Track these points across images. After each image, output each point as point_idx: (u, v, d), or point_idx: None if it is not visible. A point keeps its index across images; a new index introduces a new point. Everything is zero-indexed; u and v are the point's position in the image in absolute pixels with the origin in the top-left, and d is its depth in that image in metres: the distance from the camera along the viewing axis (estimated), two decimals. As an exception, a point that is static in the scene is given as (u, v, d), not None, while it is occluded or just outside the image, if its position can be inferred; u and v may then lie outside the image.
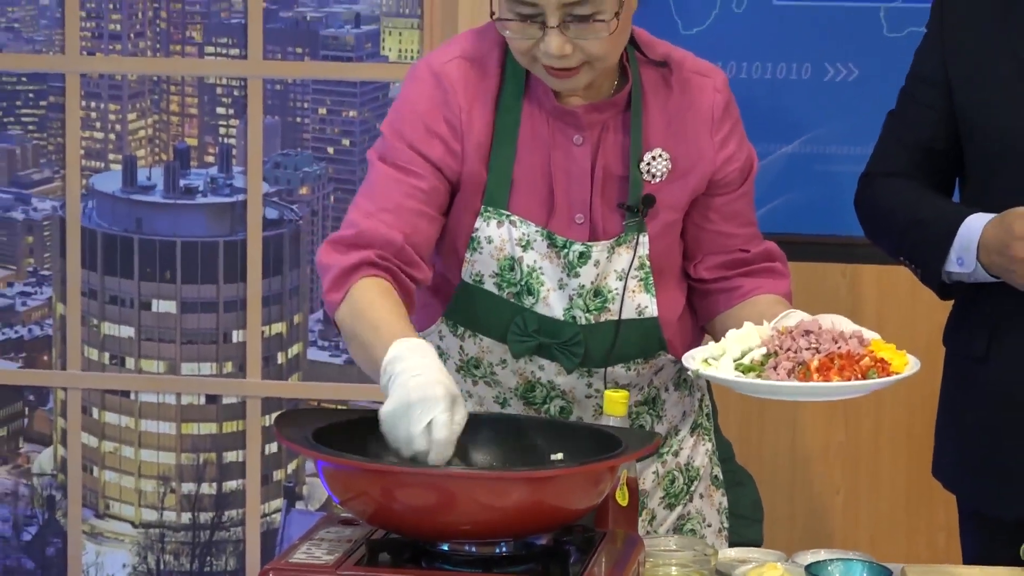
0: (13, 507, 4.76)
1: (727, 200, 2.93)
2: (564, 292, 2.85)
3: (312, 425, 2.51)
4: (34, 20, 4.64)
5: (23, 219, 4.70)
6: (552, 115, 2.83)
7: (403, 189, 2.80)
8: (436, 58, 2.88)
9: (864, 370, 2.53)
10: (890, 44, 4.07)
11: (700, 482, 3.06)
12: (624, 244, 2.85)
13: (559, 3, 2.66)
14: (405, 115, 2.85)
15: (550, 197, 2.85)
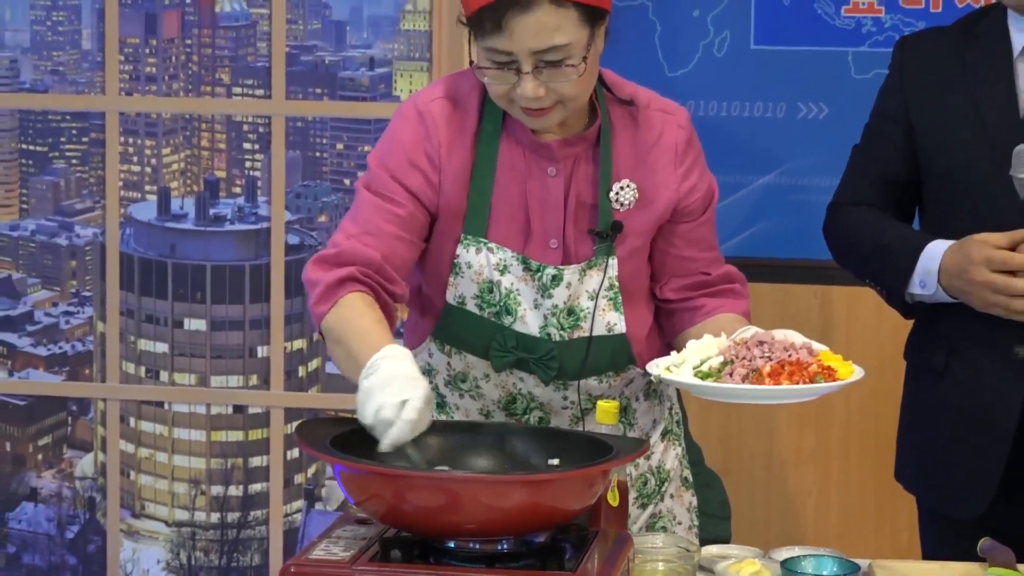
0: (57, 508, 4.75)
1: (690, 227, 2.93)
2: (539, 311, 2.85)
3: (330, 433, 2.51)
4: (77, 63, 4.64)
5: (67, 245, 4.70)
6: (528, 148, 2.83)
7: (383, 215, 2.81)
8: (421, 98, 2.89)
9: (812, 376, 2.56)
10: (857, 85, 4.07)
11: (671, 483, 3.06)
12: (595, 267, 2.85)
13: (531, 51, 2.67)
14: (390, 149, 2.87)
15: (527, 224, 2.85)
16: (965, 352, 3.06)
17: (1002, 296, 2.91)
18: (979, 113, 3.01)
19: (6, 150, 4.71)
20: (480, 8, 2.68)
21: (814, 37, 4.10)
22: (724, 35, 4.14)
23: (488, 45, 2.70)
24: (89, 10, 4.60)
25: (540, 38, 2.67)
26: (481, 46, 2.72)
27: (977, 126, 3.01)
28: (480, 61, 2.73)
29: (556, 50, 2.68)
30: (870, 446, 4.19)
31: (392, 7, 4.48)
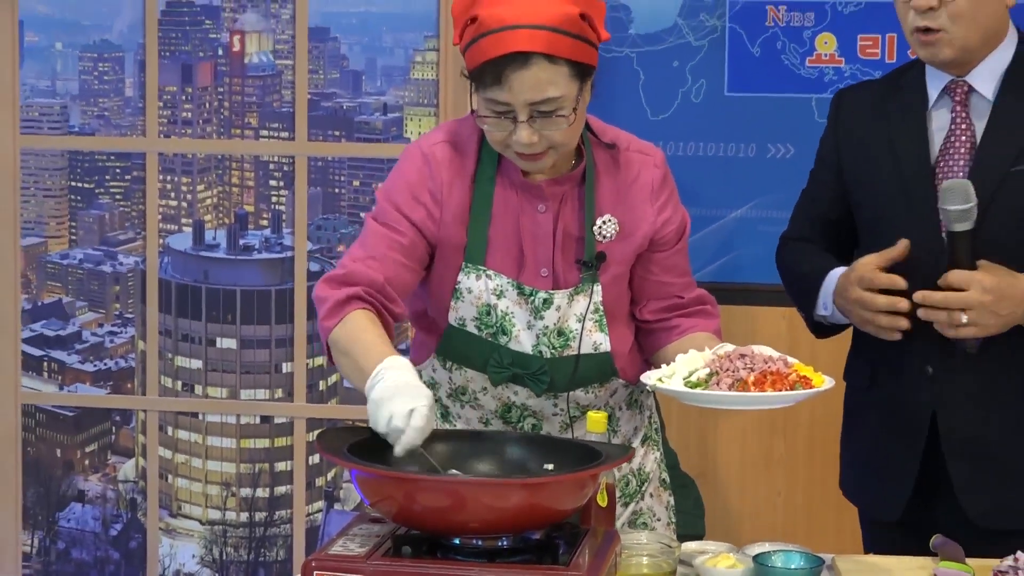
0: (102, 508, 4.75)
1: (665, 255, 2.94)
2: (532, 332, 2.86)
3: (347, 440, 2.51)
4: (120, 109, 4.64)
5: (111, 272, 4.70)
6: (520, 188, 2.85)
7: (388, 243, 2.82)
8: (426, 141, 2.90)
9: (791, 384, 2.57)
10: (820, 128, 4.04)
11: (650, 484, 3.06)
12: (581, 292, 2.86)
13: (527, 102, 2.68)
14: (396, 185, 2.87)
15: (520, 255, 2.86)
16: (885, 371, 3.05)
17: (869, 312, 2.92)
18: (896, 160, 3.02)
19: (57, 187, 4.71)
20: (483, 63, 2.69)
21: (781, 85, 4.11)
22: (700, 83, 4.15)
23: (488, 96, 2.71)
24: (131, 61, 4.61)
25: (536, 91, 2.68)
26: (482, 97, 2.73)
27: (894, 172, 3.02)
28: (480, 110, 2.74)
29: (549, 102, 2.69)
30: (832, 452, 4.17)
31: (403, 58, 4.49)
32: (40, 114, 4.68)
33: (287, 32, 4.53)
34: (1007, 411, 2.95)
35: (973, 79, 2.97)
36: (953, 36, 2.90)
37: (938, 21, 2.90)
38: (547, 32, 2.68)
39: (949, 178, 2.94)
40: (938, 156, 2.98)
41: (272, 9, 4.55)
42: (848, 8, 4.07)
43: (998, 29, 2.95)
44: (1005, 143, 2.92)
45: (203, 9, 4.58)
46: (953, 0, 2.88)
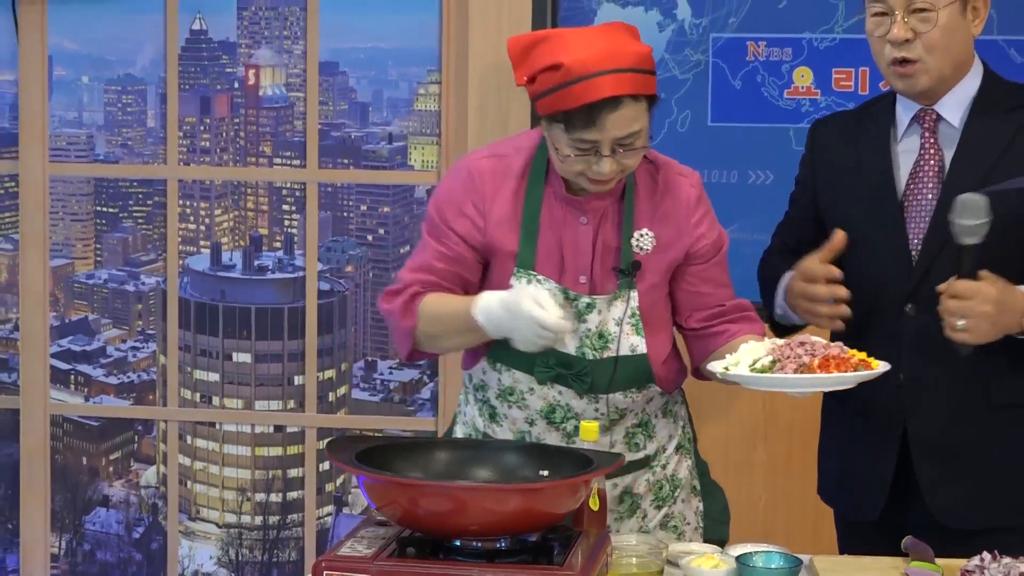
0: (126, 512, 4.74)
1: (702, 268, 2.99)
2: (576, 334, 2.90)
3: (355, 449, 2.51)
4: (143, 139, 4.64)
5: (134, 291, 4.69)
6: (564, 202, 2.92)
7: (437, 255, 2.95)
8: (470, 158, 3.01)
9: (854, 366, 2.61)
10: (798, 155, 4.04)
11: (682, 490, 3.08)
12: (619, 298, 2.91)
13: (614, 139, 2.73)
14: (443, 199, 2.98)
15: (561, 263, 2.91)
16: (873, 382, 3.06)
17: (811, 303, 2.93)
18: (866, 183, 3.03)
19: (83, 211, 4.71)
20: (576, 108, 2.72)
21: (761, 115, 4.11)
22: (686, 114, 4.15)
23: (577, 136, 2.76)
24: (153, 94, 4.61)
25: (624, 128, 2.76)
26: (568, 137, 2.77)
27: (864, 195, 3.03)
28: (563, 149, 2.80)
29: (632, 135, 2.77)
30: (810, 459, 4.17)
31: (407, 91, 4.49)
32: (68, 143, 4.68)
33: (299, 66, 4.54)
34: (973, 419, 2.96)
35: (941, 108, 2.98)
36: (929, 66, 2.91)
37: (914, 52, 2.91)
38: (631, 74, 2.76)
39: (919, 202, 2.94)
40: (908, 180, 2.98)
41: (285, 45, 4.55)
42: (823, 44, 4.08)
43: (966, 59, 2.97)
44: (972, 167, 2.93)
45: (220, 45, 4.58)
46: (927, 32, 2.89)
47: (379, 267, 4.56)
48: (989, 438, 2.97)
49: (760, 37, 4.10)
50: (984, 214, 2.81)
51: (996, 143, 2.94)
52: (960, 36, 2.94)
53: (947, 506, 2.96)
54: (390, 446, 2.62)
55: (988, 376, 2.95)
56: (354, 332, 4.60)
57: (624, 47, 2.78)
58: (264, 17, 4.56)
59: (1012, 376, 2.95)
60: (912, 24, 2.89)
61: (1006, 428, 2.97)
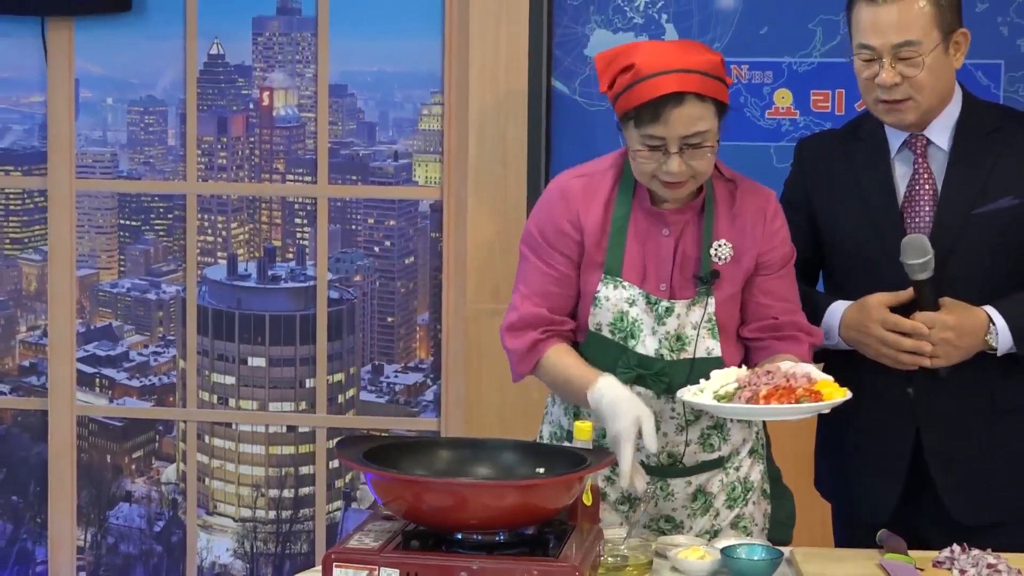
0: (147, 507, 4.73)
1: (766, 279, 2.96)
2: (655, 336, 2.89)
3: (363, 448, 2.50)
4: (163, 156, 4.64)
5: (155, 299, 4.69)
6: (648, 214, 2.92)
7: (546, 279, 2.95)
8: (562, 178, 3.02)
9: (797, 398, 2.56)
10: (778, 171, 4.05)
11: (753, 492, 3.06)
12: (697, 304, 2.90)
13: (680, 136, 2.77)
14: (542, 220, 2.98)
15: (644, 271, 2.91)
16: (868, 393, 3.04)
17: (892, 350, 2.92)
18: (865, 205, 3.02)
19: (108, 225, 4.71)
20: (643, 103, 2.73)
21: (744, 134, 4.11)
22: (673, 133, 4.15)
23: (645, 132, 2.78)
24: (173, 114, 4.61)
25: (688, 126, 2.75)
26: (639, 132, 2.80)
27: (865, 216, 3.02)
28: (634, 145, 2.82)
29: (698, 135, 2.77)
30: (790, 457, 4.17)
31: (412, 112, 4.49)
32: (93, 161, 4.68)
33: (310, 89, 4.54)
34: (980, 424, 2.98)
35: (930, 132, 2.97)
36: (918, 103, 2.90)
37: (902, 94, 2.90)
38: (697, 75, 2.76)
39: (916, 223, 2.94)
40: (903, 202, 2.97)
41: (297, 69, 4.55)
42: (802, 67, 4.08)
43: (950, 89, 2.97)
44: (963, 189, 2.93)
45: (236, 69, 4.58)
46: (914, 76, 2.87)
47: (385, 277, 4.56)
48: (996, 441, 2.99)
49: (743, 61, 4.10)
50: (927, 251, 2.85)
51: (982, 165, 2.94)
52: (945, 73, 2.93)
53: (962, 505, 2.98)
54: (396, 445, 2.61)
55: (992, 384, 2.97)
56: (362, 338, 4.59)
57: (693, 53, 2.82)
58: (278, 42, 4.56)
59: (1012, 381, 2.97)
60: (900, 69, 2.88)
61: (1011, 430, 3.00)
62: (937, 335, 2.87)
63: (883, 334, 2.92)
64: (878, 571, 2.65)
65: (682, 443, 2.93)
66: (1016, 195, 2.92)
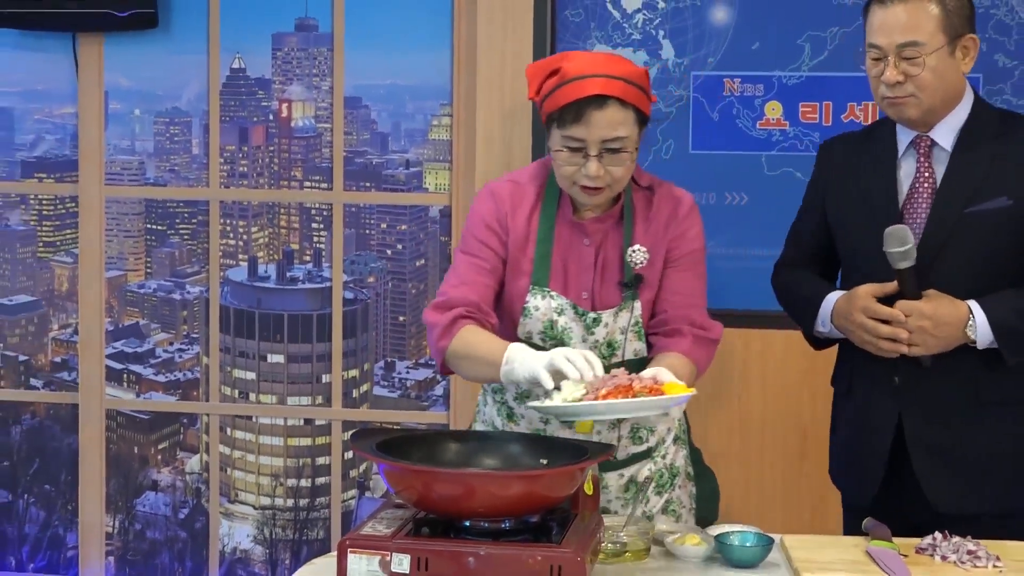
0: (172, 495, 4.72)
1: (668, 273, 2.93)
2: (586, 345, 2.87)
3: (376, 439, 2.49)
4: (188, 164, 4.64)
5: (180, 299, 4.68)
6: (571, 225, 2.87)
7: (473, 268, 2.89)
8: (492, 183, 2.98)
9: (634, 394, 2.51)
10: (768, 179, 4.07)
11: (679, 477, 3.05)
12: (624, 309, 2.87)
13: (600, 139, 2.72)
14: (473, 220, 2.94)
15: (566, 281, 2.87)
16: (861, 379, 3.05)
17: (872, 337, 2.90)
18: (869, 203, 3.00)
19: (135, 229, 4.70)
20: (567, 104, 2.70)
21: (736, 144, 4.10)
22: (669, 143, 4.14)
23: (567, 133, 2.75)
24: (197, 125, 4.60)
25: (609, 129, 2.72)
26: (561, 133, 2.76)
27: (868, 213, 3.00)
28: (556, 146, 2.79)
29: (618, 140, 2.73)
30: (778, 449, 4.17)
31: (423, 122, 4.48)
32: (121, 169, 4.67)
33: (326, 101, 4.53)
34: (960, 415, 2.94)
35: (935, 134, 2.95)
36: (920, 100, 2.88)
37: (905, 91, 2.88)
38: (621, 82, 2.73)
39: (914, 221, 2.93)
40: (904, 201, 2.96)
41: (314, 82, 4.54)
42: (791, 80, 4.07)
43: (956, 92, 2.93)
44: (959, 189, 2.91)
45: (257, 82, 4.58)
46: (917, 75, 2.86)
47: (397, 278, 4.55)
48: (978, 433, 2.94)
49: (735, 75, 4.10)
50: (908, 240, 2.83)
51: (980, 167, 2.91)
52: (949, 75, 2.90)
53: (941, 494, 2.94)
54: (407, 437, 2.61)
55: (976, 376, 2.92)
56: (375, 336, 4.58)
57: (620, 63, 2.79)
58: (296, 57, 4.56)
59: (997, 375, 2.92)
60: (903, 68, 2.86)
61: (993, 423, 2.94)
62: (914, 323, 2.85)
63: (864, 321, 2.91)
64: (865, 557, 2.64)
65: (615, 439, 2.92)
66: (1009, 196, 2.89)
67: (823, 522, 4.05)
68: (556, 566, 2.28)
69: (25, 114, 4.69)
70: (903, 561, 2.58)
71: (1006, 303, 2.87)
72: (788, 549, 2.69)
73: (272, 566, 4.68)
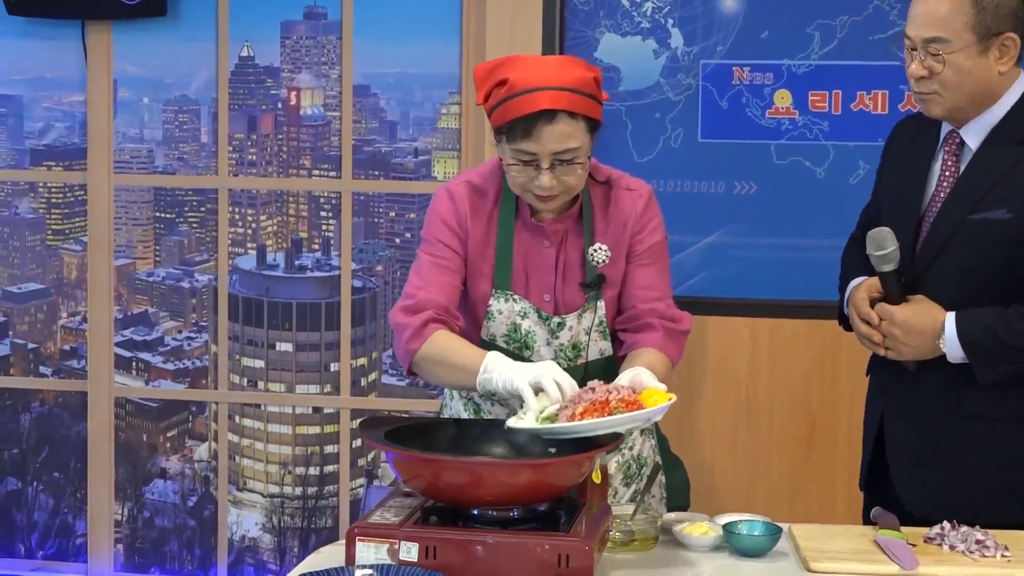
0: (181, 483, 4.73)
1: (632, 268, 2.89)
2: (551, 347, 2.85)
3: (384, 428, 2.50)
4: (197, 153, 4.64)
5: (188, 287, 4.69)
6: (529, 227, 2.85)
7: (437, 269, 2.84)
8: (450, 184, 2.93)
9: (611, 410, 2.46)
10: (777, 168, 4.06)
11: (646, 467, 3.03)
12: (588, 310, 2.85)
13: (551, 152, 2.68)
14: (433, 221, 2.89)
15: (527, 284, 2.85)
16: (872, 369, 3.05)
17: (858, 333, 2.90)
18: (900, 195, 2.94)
19: (144, 217, 4.71)
20: (515, 119, 2.68)
21: (745, 133, 4.10)
22: (678, 131, 4.14)
23: (517, 147, 2.71)
24: (206, 113, 4.61)
25: (560, 143, 2.68)
26: (510, 147, 2.72)
27: (895, 206, 2.93)
28: (507, 159, 2.74)
29: (569, 152, 2.69)
30: (787, 438, 4.17)
31: (432, 111, 4.48)
32: (130, 157, 4.68)
33: (335, 89, 4.53)
34: (940, 424, 2.87)
35: (965, 132, 2.85)
36: (943, 99, 2.81)
37: (930, 87, 2.81)
38: (569, 93, 2.68)
39: (927, 220, 2.87)
40: (929, 199, 2.89)
41: (323, 70, 4.54)
42: (801, 69, 4.06)
43: (989, 91, 2.83)
44: (970, 192, 2.82)
45: (265, 70, 4.57)
46: (940, 72, 2.80)
47: (405, 267, 4.55)
48: (957, 444, 2.85)
49: (745, 63, 4.09)
50: (888, 244, 2.79)
51: (994, 172, 2.80)
52: (978, 74, 2.78)
53: (915, 500, 2.90)
54: (416, 425, 2.61)
55: (960, 387, 2.83)
56: (383, 324, 4.59)
57: (568, 71, 2.71)
58: (304, 45, 4.56)
59: (982, 388, 2.81)
60: (928, 63, 2.79)
61: (975, 437, 2.84)
62: (885, 328, 2.81)
63: (852, 315, 2.91)
64: (873, 546, 2.64)
65: None
66: (1010, 209, 2.77)
67: (831, 511, 4.05)
68: (564, 555, 2.28)
69: (34, 102, 4.70)
70: (911, 550, 2.58)
71: (981, 320, 2.76)
72: (796, 538, 2.69)
73: (280, 554, 4.69)
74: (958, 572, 2.52)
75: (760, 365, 4.17)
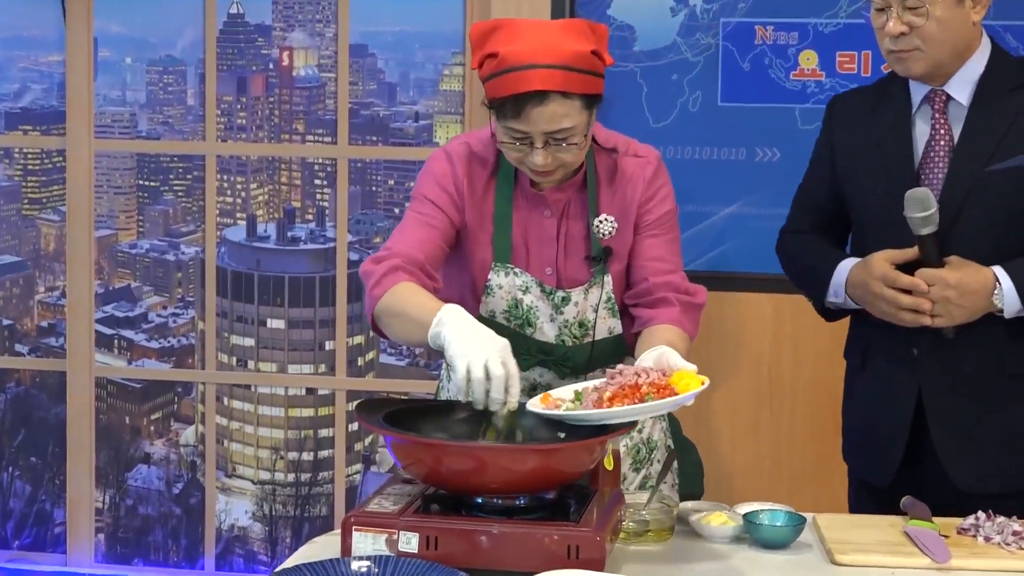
0: (166, 469, 4.74)
1: (642, 240, 2.88)
2: (554, 324, 2.84)
3: (382, 410, 2.49)
4: (183, 116, 4.63)
5: (174, 260, 4.69)
6: (529, 196, 2.83)
7: (422, 227, 2.82)
8: (449, 144, 2.92)
9: (642, 397, 2.45)
10: (803, 134, 4.05)
11: (657, 451, 3.04)
12: (595, 285, 2.84)
13: (543, 132, 2.67)
14: (425, 178, 2.88)
15: (528, 257, 2.84)
16: (875, 352, 3.04)
17: (892, 307, 2.88)
18: (884, 162, 2.98)
19: (127, 185, 4.70)
20: (504, 98, 2.67)
21: (768, 96, 4.09)
22: (696, 94, 4.13)
23: (508, 126, 2.69)
24: (193, 74, 4.60)
25: (551, 123, 2.67)
26: (502, 125, 2.71)
27: (882, 173, 2.98)
28: (500, 136, 2.74)
29: (563, 131, 2.68)
30: (811, 420, 4.17)
31: (433, 72, 4.47)
32: (112, 121, 4.67)
33: (330, 49, 4.52)
34: (984, 389, 2.92)
35: (950, 88, 2.93)
36: (926, 54, 2.87)
37: (911, 43, 2.87)
38: (562, 71, 2.65)
39: (931, 180, 2.91)
40: (921, 161, 2.94)
41: (317, 28, 4.53)
42: (828, 28, 4.05)
43: (968, 44, 2.91)
44: (978, 145, 2.88)
45: (256, 28, 4.56)
46: (922, 26, 2.85)
47: (405, 239, 4.55)
48: (1004, 407, 2.91)
49: (768, 22, 4.08)
50: (931, 204, 2.81)
51: (1001, 122, 2.89)
52: (957, 26, 2.88)
53: (963, 473, 2.93)
54: (416, 408, 2.61)
55: (1001, 347, 2.90)
56: (382, 300, 4.58)
57: (563, 44, 2.67)
58: (298, 2, 4.55)
59: (1023, 345, 2.89)
60: (907, 19, 2.85)
61: (1019, 397, 2.91)
62: (938, 293, 2.83)
63: (883, 290, 2.89)
64: (903, 538, 2.64)
65: None
66: None
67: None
68: (574, 546, 2.28)
69: (9, 62, 4.69)
70: (944, 542, 2.58)
71: None
72: (821, 529, 2.69)
73: (272, 544, 4.70)
74: (993, 565, 2.52)
75: (783, 343, 4.16)
